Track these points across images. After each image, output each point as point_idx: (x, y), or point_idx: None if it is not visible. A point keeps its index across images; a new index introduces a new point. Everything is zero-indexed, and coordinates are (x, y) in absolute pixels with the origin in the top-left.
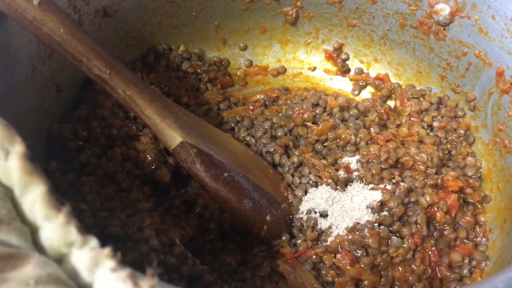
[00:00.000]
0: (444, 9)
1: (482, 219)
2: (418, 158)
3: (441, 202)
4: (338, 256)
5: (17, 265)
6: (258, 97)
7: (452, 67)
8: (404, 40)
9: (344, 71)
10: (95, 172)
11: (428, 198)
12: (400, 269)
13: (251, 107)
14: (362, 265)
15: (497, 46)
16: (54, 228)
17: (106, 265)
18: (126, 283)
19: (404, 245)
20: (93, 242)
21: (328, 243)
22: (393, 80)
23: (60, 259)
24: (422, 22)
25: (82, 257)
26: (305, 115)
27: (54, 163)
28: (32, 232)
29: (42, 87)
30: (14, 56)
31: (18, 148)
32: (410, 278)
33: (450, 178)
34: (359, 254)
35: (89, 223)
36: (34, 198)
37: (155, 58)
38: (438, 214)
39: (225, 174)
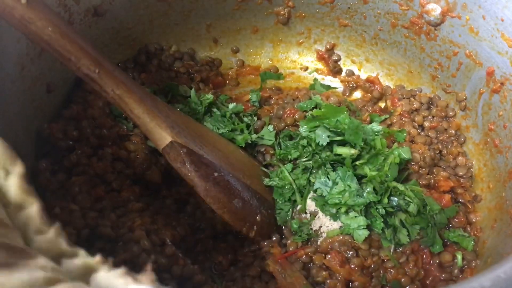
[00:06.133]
0: (435, 9)
1: (473, 218)
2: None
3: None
4: (328, 256)
5: (24, 256)
6: (249, 96)
7: (443, 67)
8: (396, 40)
9: (336, 71)
10: (85, 172)
11: None
12: (393, 271)
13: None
14: (352, 266)
15: (488, 46)
16: (46, 239)
17: (101, 268)
18: (125, 279)
19: (398, 250)
20: (82, 253)
21: (318, 243)
22: (385, 80)
23: None
24: (413, 22)
25: (73, 266)
26: (296, 115)
27: (44, 162)
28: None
29: (32, 86)
30: (2, 55)
31: (18, 169)
32: (403, 280)
33: (441, 178)
34: (349, 255)
35: (80, 224)
36: (29, 214)
37: (146, 58)
38: None
39: (215, 174)
